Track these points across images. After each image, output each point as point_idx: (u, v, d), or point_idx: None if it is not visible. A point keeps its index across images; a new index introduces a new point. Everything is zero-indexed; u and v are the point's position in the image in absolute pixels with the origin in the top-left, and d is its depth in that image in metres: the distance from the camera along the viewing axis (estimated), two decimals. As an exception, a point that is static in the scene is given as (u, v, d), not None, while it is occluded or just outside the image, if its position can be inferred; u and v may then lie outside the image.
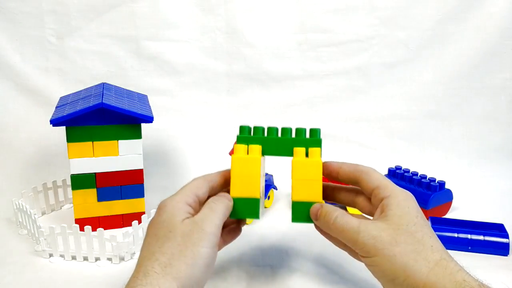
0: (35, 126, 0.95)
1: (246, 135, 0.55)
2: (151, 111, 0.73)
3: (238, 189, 0.52)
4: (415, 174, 0.79)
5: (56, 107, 0.73)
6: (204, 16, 0.98)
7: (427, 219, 0.72)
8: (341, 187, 0.56)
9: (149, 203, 0.73)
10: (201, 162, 0.95)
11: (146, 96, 0.81)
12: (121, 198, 0.71)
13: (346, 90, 1.02)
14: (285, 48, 1.00)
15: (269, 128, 0.55)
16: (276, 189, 0.81)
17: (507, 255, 0.64)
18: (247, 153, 0.53)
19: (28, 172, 0.90)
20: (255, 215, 0.53)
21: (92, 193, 0.69)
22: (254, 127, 0.55)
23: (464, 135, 0.99)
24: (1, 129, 0.95)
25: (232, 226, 0.55)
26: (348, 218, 0.48)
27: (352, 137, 1.01)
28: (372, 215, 0.51)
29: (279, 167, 0.92)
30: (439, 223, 0.68)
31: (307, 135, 0.55)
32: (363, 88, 1.02)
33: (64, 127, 0.66)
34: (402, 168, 0.82)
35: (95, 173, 0.69)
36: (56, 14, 0.95)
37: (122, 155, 0.69)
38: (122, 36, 0.97)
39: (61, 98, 0.79)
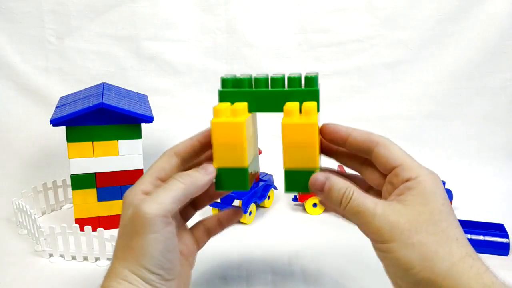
0: (35, 126, 0.95)
1: (229, 89, 0.47)
2: (151, 111, 0.73)
3: (221, 159, 0.45)
4: (415, 174, 0.78)
5: (56, 107, 0.73)
6: (204, 16, 0.98)
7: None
8: (344, 151, 0.48)
9: (149, 203, 0.73)
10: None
11: (146, 96, 0.81)
12: (121, 198, 0.70)
13: (346, 90, 1.02)
14: (285, 48, 1.00)
15: (256, 79, 0.46)
16: (276, 189, 0.81)
17: (507, 255, 0.63)
18: (231, 108, 0.45)
19: (28, 172, 0.90)
20: (243, 186, 0.46)
21: (92, 193, 0.69)
22: (239, 79, 0.47)
23: (464, 135, 0.99)
24: (1, 129, 0.95)
25: (230, 210, 0.52)
26: (364, 197, 0.41)
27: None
28: (380, 188, 0.45)
29: (279, 167, 0.92)
30: (439, 223, 0.68)
31: (303, 84, 0.46)
32: (363, 88, 1.02)
33: (64, 127, 0.66)
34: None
35: (95, 173, 0.69)
36: (56, 14, 0.95)
37: (122, 155, 0.69)
38: (122, 36, 0.97)
39: (61, 98, 0.79)
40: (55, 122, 0.65)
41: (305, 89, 0.46)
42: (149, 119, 0.69)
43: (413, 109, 1.01)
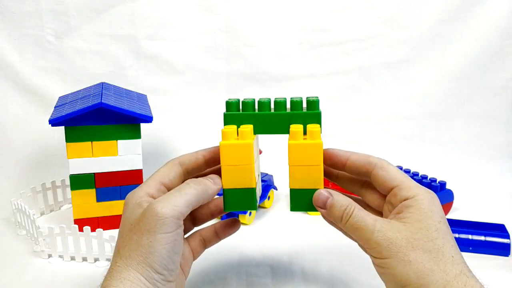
0: (34, 126, 0.94)
1: (235, 112, 0.48)
2: (150, 111, 0.72)
3: (230, 180, 0.46)
4: (416, 174, 0.78)
5: (55, 107, 0.73)
6: (204, 15, 0.98)
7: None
8: (344, 175, 0.50)
9: (148, 204, 0.73)
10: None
11: (146, 95, 0.81)
12: (120, 199, 0.70)
13: (346, 90, 1.02)
14: (285, 48, 1.00)
15: (260, 102, 0.48)
16: (276, 189, 0.81)
17: (508, 256, 0.63)
18: (237, 135, 0.47)
19: (27, 172, 0.89)
20: (252, 206, 0.48)
21: (91, 193, 0.69)
22: (243, 102, 0.48)
23: (465, 135, 0.99)
24: None
25: (228, 220, 0.53)
26: (363, 214, 0.43)
27: (352, 137, 1.01)
28: (381, 210, 0.47)
29: (279, 167, 0.92)
30: (440, 224, 0.68)
31: (304, 106, 0.48)
32: (363, 88, 1.01)
33: (63, 127, 0.66)
34: (403, 168, 0.81)
35: (94, 173, 0.68)
36: (55, 13, 0.95)
37: (121, 155, 0.69)
38: (121, 35, 0.97)
39: (60, 97, 0.78)
40: (54, 122, 0.65)
41: (308, 112, 0.47)
42: (149, 119, 0.69)
43: (413, 109, 1.01)
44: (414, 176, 0.78)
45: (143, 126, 0.70)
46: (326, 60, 1.00)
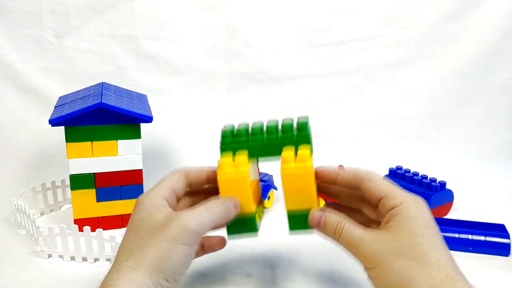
0: (33, 126, 0.94)
1: (230, 140, 0.51)
2: (150, 111, 0.72)
3: (232, 205, 0.49)
4: (416, 174, 0.78)
5: (55, 107, 0.73)
6: (204, 15, 0.98)
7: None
8: (343, 190, 0.52)
9: (148, 204, 0.72)
10: (201, 162, 0.95)
11: (146, 95, 0.81)
12: (120, 199, 0.70)
13: (346, 90, 1.02)
14: (285, 47, 1.00)
15: (253, 129, 0.51)
16: (276, 189, 0.81)
17: (508, 256, 0.63)
18: (233, 161, 0.49)
19: (27, 172, 0.89)
20: (253, 229, 0.51)
21: (91, 193, 0.69)
22: (237, 130, 0.51)
23: (465, 135, 0.99)
24: (-1, 129, 0.95)
25: (217, 238, 0.54)
26: (352, 228, 0.46)
27: (352, 137, 1.01)
28: (380, 220, 0.48)
29: (279, 167, 0.91)
30: (440, 224, 0.68)
31: (295, 126, 0.50)
32: (363, 88, 1.01)
33: (63, 127, 0.66)
34: (403, 168, 0.81)
35: (94, 173, 0.68)
36: (55, 13, 0.95)
37: (121, 155, 0.69)
38: (121, 35, 0.97)
39: (60, 97, 0.78)
40: (54, 122, 0.65)
41: (298, 134, 0.50)
42: (149, 119, 0.69)
43: (413, 109, 1.01)
44: (414, 176, 0.78)
45: (143, 126, 0.70)
46: (326, 60, 1.00)
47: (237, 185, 0.48)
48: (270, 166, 0.85)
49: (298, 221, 0.49)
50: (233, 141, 0.51)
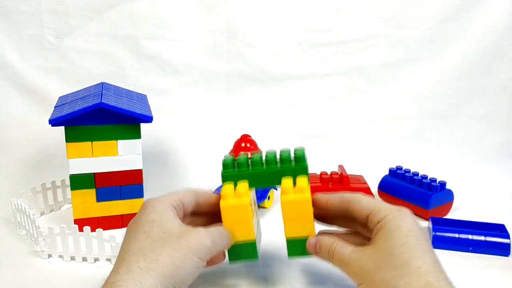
0: (33, 126, 0.94)
1: (231, 171, 0.54)
2: (150, 111, 0.72)
3: (232, 235, 0.52)
4: (416, 174, 0.78)
5: (55, 107, 0.73)
6: (204, 15, 0.98)
7: (428, 220, 0.72)
8: (337, 215, 0.54)
9: (148, 204, 0.73)
10: (201, 162, 0.95)
11: (146, 95, 0.81)
12: (120, 199, 0.70)
13: (346, 90, 1.02)
14: (285, 47, 1.00)
15: (253, 160, 0.54)
16: (276, 190, 0.81)
17: (508, 256, 0.63)
18: (235, 190, 0.52)
19: (27, 172, 0.89)
20: (253, 256, 0.53)
21: (91, 193, 0.69)
22: (238, 161, 0.54)
23: (465, 135, 0.99)
24: (-1, 129, 0.95)
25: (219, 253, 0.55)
26: (342, 248, 0.48)
27: (352, 137, 1.01)
28: None
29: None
30: (440, 224, 0.68)
31: (292, 155, 0.54)
32: (363, 87, 1.01)
33: (63, 127, 0.66)
34: (403, 168, 0.81)
35: (94, 173, 0.68)
36: (55, 13, 0.95)
37: (121, 155, 0.69)
38: (121, 35, 0.97)
39: (60, 97, 0.78)
40: (54, 122, 0.65)
41: (296, 165, 0.53)
42: (149, 119, 0.68)
43: (413, 109, 1.01)
44: (414, 176, 0.78)
45: (143, 126, 0.70)
46: (326, 60, 1.00)
47: (239, 214, 0.51)
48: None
49: (296, 247, 0.52)
50: (234, 171, 0.54)
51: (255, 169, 0.54)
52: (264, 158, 0.55)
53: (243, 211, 0.51)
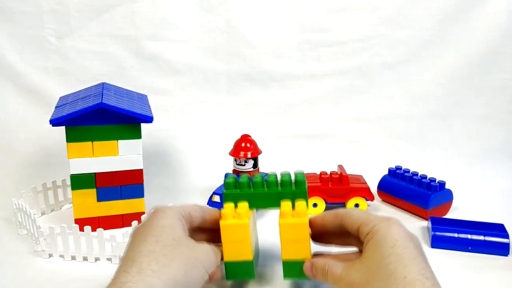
0: (34, 126, 0.95)
1: (232, 191, 0.55)
2: (151, 111, 0.72)
3: (230, 254, 0.53)
4: (415, 174, 0.79)
5: (56, 107, 0.73)
6: (204, 15, 0.98)
7: (427, 219, 0.72)
8: (335, 233, 0.54)
9: (149, 203, 0.73)
10: (201, 162, 0.95)
11: (146, 96, 0.81)
12: (121, 198, 0.71)
13: (346, 90, 1.02)
14: (285, 48, 1.00)
15: (254, 182, 0.56)
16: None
17: (507, 255, 0.63)
18: (235, 210, 0.54)
19: (28, 172, 0.89)
20: (250, 275, 0.54)
21: (91, 193, 0.69)
22: (240, 182, 0.56)
23: (465, 135, 0.99)
24: (0, 129, 0.95)
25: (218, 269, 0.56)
26: (334, 267, 0.48)
27: (352, 137, 1.01)
28: None
29: (279, 167, 0.92)
30: (440, 223, 0.68)
31: (292, 177, 0.55)
32: (363, 88, 1.01)
33: (63, 127, 0.66)
34: (402, 168, 0.81)
35: (94, 173, 0.69)
36: (55, 13, 0.95)
37: (121, 155, 0.69)
38: (122, 36, 0.97)
39: (60, 98, 0.79)
40: (54, 122, 0.65)
41: (296, 190, 0.55)
42: (149, 119, 0.69)
43: (413, 109, 1.01)
44: (413, 176, 0.78)
45: (144, 126, 0.70)
46: (326, 60, 1.00)
47: (238, 233, 0.52)
48: (271, 167, 0.86)
49: (292, 269, 0.53)
50: (235, 190, 0.56)
51: (256, 190, 0.55)
52: (265, 180, 0.56)
53: (242, 231, 0.52)
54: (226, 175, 0.76)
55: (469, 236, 0.65)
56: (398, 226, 0.47)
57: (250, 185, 0.56)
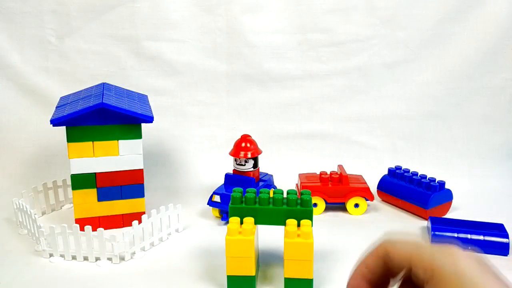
0: (35, 126, 0.95)
1: (238, 205, 0.56)
2: (151, 111, 0.73)
3: (233, 268, 0.54)
4: (415, 174, 0.79)
5: (56, 107, 0.73)
6: (204, 16, 0.98)
7: (427, 219, 0.72)
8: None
9: (149, 203, 0.73)
10: (201, 162, 0.95)
11: (146, 96, 0.81)
12: (121, 198, 0.71)
13: (346, 90, 1.02)
14: (285, 48, 1.00)
15: (260, 198, 0.56)
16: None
17: (507, 255, 0.64)
18: (240, 225, 0.54)
19: (28, 172, 0.90)
20: None
21: (92, 193, 0.69)
22: (246, 197, 0.56)
23: (464, 135, 0.99)
24: (1, 129, 0.95)
25: None
26: None
27: (352, 137, 1.01)
28: None
29: (279, 167, 0.92)
30: (439, 223, 0.68)
31: (299, 199, 0.56)
32: (363, 88, 1.01)
33: (64, 127, 0.66)
34: (402, 168, 0.82)
35: (95, 173, 0.69)
36: (56, 14, 0.95)
37: (122, 155, 0.69)
38: (122, 36, 0.97)
39: (61, 98, 0.79)
40: (55, 122, 0.65)
41: (302, 209, 0.55)
42: (149, 119, 0.69)
43: (413, 109, 1.01)
44: (413, 176, 0.78)
45: (144, 126, 0.70)
46: (326, 60, 1.00)
47: (243, 250, 0.54)
48: (271, 167, 0.86)
49: (294, 287, 0.54)
50: (241, 205, 0.56)
51: (262, 207, 0.56)
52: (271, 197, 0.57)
53: (247, 247, 0.53)
54: (226, 175, 0.76)
55: (469, 236, 0.65)
56: (464, 255, 0.27)
57: (256, 201, 0.57)
